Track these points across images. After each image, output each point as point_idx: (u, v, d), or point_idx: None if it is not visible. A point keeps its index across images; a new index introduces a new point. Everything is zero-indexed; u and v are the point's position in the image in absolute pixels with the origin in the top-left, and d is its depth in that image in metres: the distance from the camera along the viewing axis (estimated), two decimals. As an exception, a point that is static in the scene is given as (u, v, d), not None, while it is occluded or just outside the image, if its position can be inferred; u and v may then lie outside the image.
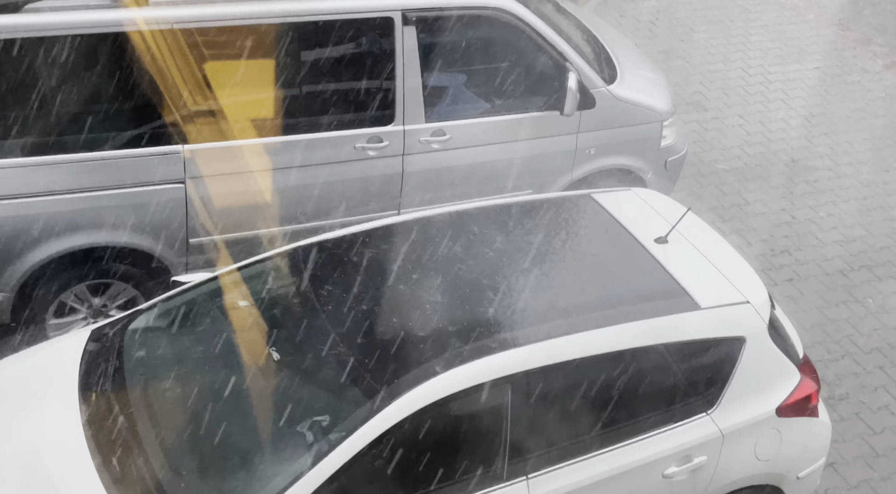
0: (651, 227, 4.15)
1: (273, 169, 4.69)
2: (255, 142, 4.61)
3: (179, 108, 4.42)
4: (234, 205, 4.65)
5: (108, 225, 4.45)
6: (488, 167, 5.13)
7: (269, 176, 4.69)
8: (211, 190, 4.60)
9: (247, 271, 3.96)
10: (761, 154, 6.69)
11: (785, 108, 7.13)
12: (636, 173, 5.49)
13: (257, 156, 4.63)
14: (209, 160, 4.54)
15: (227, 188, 4.62)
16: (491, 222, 4.09)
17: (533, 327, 3.57)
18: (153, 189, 4.49)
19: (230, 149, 4.56)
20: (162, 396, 3.56)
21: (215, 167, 4.56)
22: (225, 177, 4.59)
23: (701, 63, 7.50)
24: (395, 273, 3.75)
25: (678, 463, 3.76)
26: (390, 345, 3.45)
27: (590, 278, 3.84)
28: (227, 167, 4.58)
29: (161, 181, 4.50)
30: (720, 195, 6.32)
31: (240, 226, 4.71)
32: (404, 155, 4.95)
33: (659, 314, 3.70)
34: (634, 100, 5.34)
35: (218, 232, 4.68)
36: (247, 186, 4.66)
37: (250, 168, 4.63)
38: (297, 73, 4.60)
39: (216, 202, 4.61)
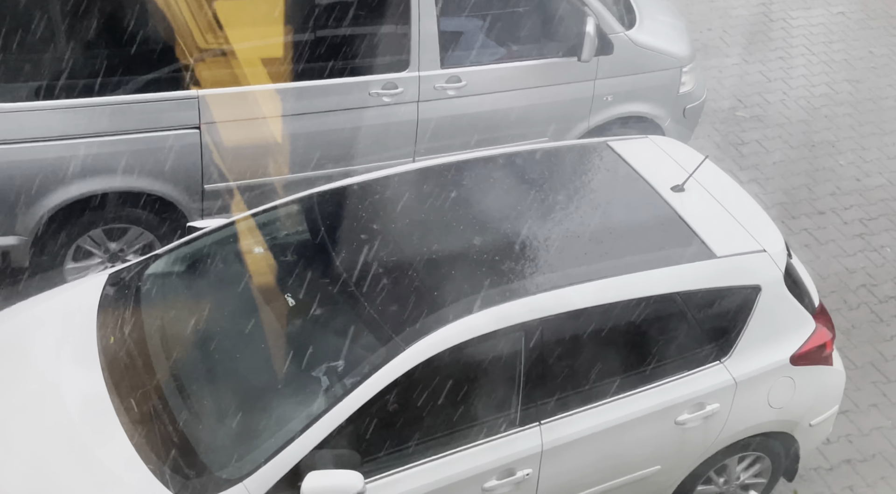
0: (668, 175, 4.11)
1: (287, 115, 4.65)
2: (269, 88, 4.57)
3: (194, 53, 4.37)
4: (249, 151, 4.63)
5: (124, 170, 4.45)
6: (504, 114, 5.07)
7: (283, 122, 4.65)
8: (225, 135, 4.57)
9: (262, 217, 3.96)
10: (781, 101, 6.57)
11: (807, 54, 6.98)
12: (654, 120, 5.42)
13: (272, 102, 4.59)
14: (224, 105, 4.51)
15: (242, 134, 4.59)
16: (506, 170, 4.06)
17: (547, 275, 3.56)
18: (168, 134, 4.48)
19: (245, 94, 4.52)
20: (179, 340, 3.59)
21: (230, 112, 4.53)
22: (239, 122, 4.56)
23: (723, 7, 7.33)
24: (409, 221, 3.74)
25: (691, 411, 3.77)
26: (404, 293, 3.45)
27: (605, 226, 3.82)
28: (242, 113, 4.55)
29: (176, 126, 4.48)
30: (738, 143, 6.24)
31: (254, 172, 4.70)
32: (419, 101, 4.90)
33: (674, 262, 3.69)
34: (653, 46, 5.24)
35: (233, 178, 4.67)
36: (261, 132, 4.63)
37: (265, 114, 4.60)
38: (311, 19, 4.53)
39: (231, 148, 4.60)
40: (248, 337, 3.53)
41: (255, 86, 4.54)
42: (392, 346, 3.31)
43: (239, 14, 4.40)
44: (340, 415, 3.25)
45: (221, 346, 3.52)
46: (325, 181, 4.63)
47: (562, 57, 5.06)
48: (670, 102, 5.41)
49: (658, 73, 5.29)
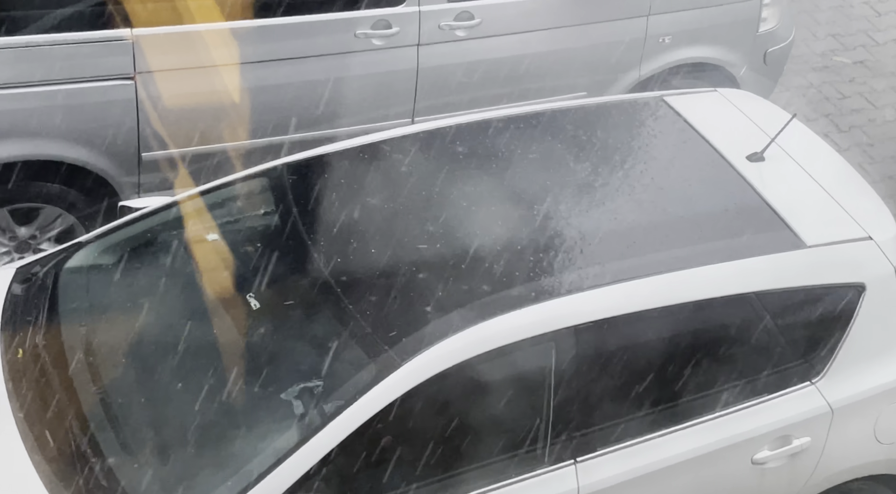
0: (743, 140, 4.12)
1: (249, 62, 4.68)
2: (225, 27, 4.59)
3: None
4: (200, 110, 4.65)
5: (35, 132, 4.47)
6: (529, 62, 5.09)
7: (243, 71, 4.68)
8: (169, 88, 4.59)
9: (217, 195, 3.98)
10: (895, 41, 6.57)
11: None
12: (725, 68, 5.42)
13: (229, 46, 4.62)
14: (167, 49, 4.53)
15: (191, 86, 4.61)
16: (532, 135, 4.08)
17: (584, 270, 3.58)
18: (93, 86, 4.49)
19: (193, 35, 4.54)
20: (108, 355, 3.62)
21: (175, 58, 4.54)
22: (187, 71, 4.58)
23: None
24: (407, 200, 3.76)
25: (773, 446, 3.79)
26: (401, 292, 3.47)
27: (660, 207, 3.83)
28: (191, 59, 4.57)
29: (104, 76, 4.50)
30: (837, 97, 6.24)
31: (207, 136, 4.72)
32: (420, 45, 4.92)
33: (750, 253, 3.70)
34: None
35: (178, 143, 4.69)
36: (215, 85, 4.66)
37: (219, 61, 4.62)
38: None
39: (176, 104, 4.62)
40: (199, 351, 3.55)
41: (206, 24, 4.56)
42: (384, 361, 3.33)
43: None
44: (318, 451, 3.27)
45: (164, 363, 3.55)
46: (297, 149, 4.65)
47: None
48: (747, 45, 5.41)
49: (731, 6, 5.30)
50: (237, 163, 4.80)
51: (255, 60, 4.68)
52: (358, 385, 3.32)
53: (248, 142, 4.83)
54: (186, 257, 3.83)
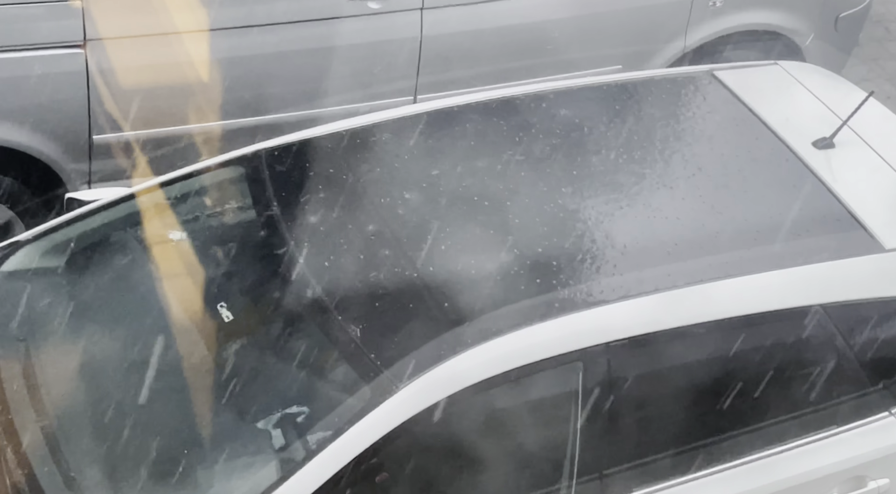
0: (809, 123, 4.13)
1: (221, 29, 4.70)
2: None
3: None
4: (163, 85, 4.67)
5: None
6: (554, 29, 5.10)
7: (215, 40, 4.70)
8: (127, 59, 4.61)
9: (181, 186, 3.99)
10: None
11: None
12: (787, 37, 5.43)
13: (197, 9, 4.63)
14: (124, 12, 4.55)
15: (152, 57, 4.64)
16: (556, 116, 4.09)
17: (618, 276, 3.58)
18: (35, 55, 4.50)
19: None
20: (51, 373, 3.62)
21: (134, 23, 4.56)
22: (148, 39, 4.60)
23: None
24: (407, 191, 3.77)
25: (844, 489, 3.79)
26: (399, 302, 3.47)
27: (708, 203, 3.83)
28: (152, 24, 4.59)
29: (49, 44, 4.51)
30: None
31: (171, 116, 4.73)
32: (423, 9, 4.94)
33: (816, 258, 3.70)
34: (788, -80, 5.27)
35: (137, 125, 4.71)
36: (181, 56, 4.68)
37: (186, 26, 4.64)
38: None
39: (135, 78, 4.63)
40: (160, 372, 3.56)
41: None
42: (380, 384, 3.33)
43: None
44: (301, 491, 3.28)
45: (117, 386, 3.55)
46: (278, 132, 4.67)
47: (644, -62, 5.09)
48: (814, 8, 5.41)
49: (796, -37, 5.32)
50: (206, 148, 4.82)
51: (228, 27, 4.70)
52: (348, 412, 3.32)
53: (220, 123, 4.84)
54: (145, 260, 3.84)
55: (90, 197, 4.05)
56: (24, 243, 4.01)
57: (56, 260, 3.94)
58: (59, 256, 3.95)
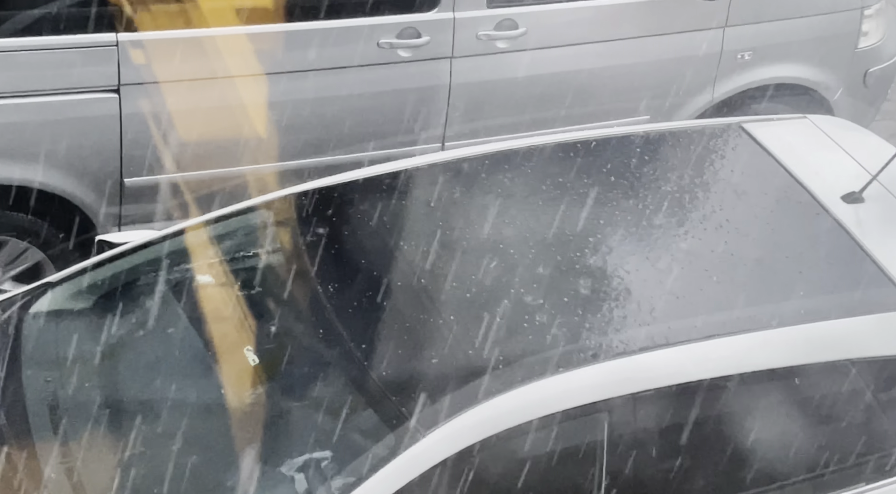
0: (838, 177, 4.11)
1: (253, 75, 4.72)
2: (227, 33, 4.64)
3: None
4: (195, 129, 4.69)
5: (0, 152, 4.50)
6: (582, 80, 5.11)
7: (247, 85, 4.72)
8: (161, 103, 4.63)
9: (211, 230, 4.00)
10: None
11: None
12: (816, 91, 5.42)
13: (230, 55, 4.66)
14: (158, 57, 4.57)
15: (185, 101, 4.66)
16: (585, 164, 4.09)
17: (645, 327, 3.57)
18: (70, 100, 4.53)
19: (190, 41, 4.59)
20: (78, 417, 3.61)
21: (167, 68, 4.59)
22: (181, 84, 4.63)
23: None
24: (435, 237, 3.77)
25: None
26: (425, 348, 3.47)
27: (737, 255, 3.82)
28: (186, 69, 4.62)
29: (83, 88, 4.54)
30: (951, 129, 6.22)
31: (201, 160, 4.75)
32: (453, 58, 4.96)
33: (846, 313, 3.68)
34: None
35: (168, 168, 4.73)
36: (213, 100, 4.70)
37: (219, 72, 4.66)
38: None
39: (168, 122, 4.66)
40: (186, 414, 3.55)
41: (202, 29, 4.60)
42: (405, 431, 3.32)
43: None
44: (324, 537, 3.27)
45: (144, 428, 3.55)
46: (308, 177, 4.69)
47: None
48: (843, 63, 5.41)
49: (824, 18, 5.30)
50: (236, 192, 4.83)
51: (260, 72, 4.72)
52: (373, 458, 3.30)
53: (250, 167, 4.85)
54: (173, 302, 3.84)
55: (120, 239, 4.05)
56: (54, 284, 4.01)
57: (85, 301, 3.95)
58: (89, 298, 3.96)
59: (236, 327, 3.73)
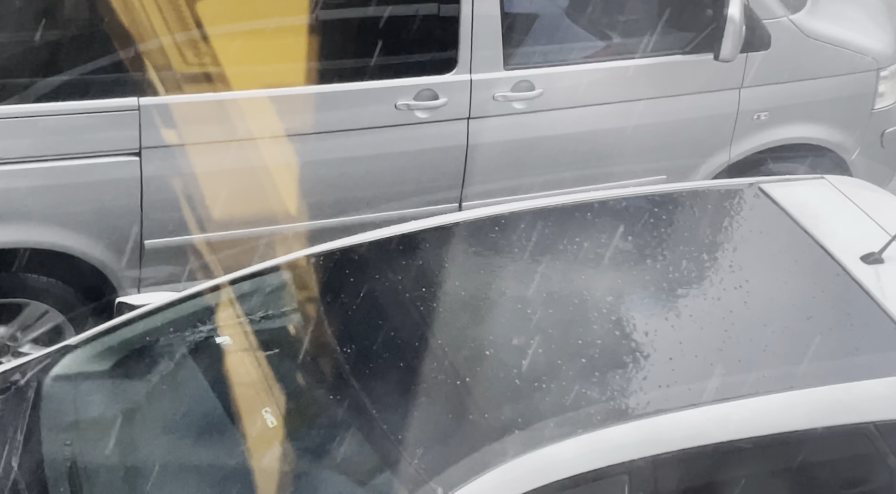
0: (856, 237, 4.10)
1: (273, 137, 4.75)
2: (248, 96, 4.67)
3: (135, 40, 4.48)
4: (215, 191, 4.71)
5: (21, 215, 4.52)
6: (599, 140, 5.12)
7: (266, 147, 4.74)
8: (181, 166, 4.66)
9: (229, 291, 4.00)
10: None
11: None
12: (834, 151, 5.42)
13: (250, 118, 4.69)
14: (179, 120, 4.60)
15: (205, 164, 4.68)
16: (602, 225, 4.08)
17: (664, 389, 3.54)
18: (91, 164, 4.56)
19: (211, 105, 4.62)
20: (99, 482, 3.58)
21: (188, 131, 4.62)
22: (202, 146, 4.65)
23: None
24: (453, 298, 3.76)
25: None
26: (444, 411, 3.45)
27: (755, 317, 3.80)
28: (206, 132, 4.65)
29: (104, 151, 4.57)
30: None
31: (222, 221, 4.77)
32: (471, 119, 4.98)
33: (869, 375, 3.64)
34: (833, 37, 5.28)
35: (189, 230, 4.75)
36: (234, 162, 4.72)
37: (239, 134, 4.69)
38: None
39: (188, 184, 4.68)
40: (205, 475, 3.54)
41: (226, 92, 4.64)
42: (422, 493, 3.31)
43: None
44: None
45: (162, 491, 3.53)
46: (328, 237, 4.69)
47: (689, 53, 5.11)
48: (860, 124, 5.41)
49: (840, 79, 5.32)
50: (257, 253, 4.83)
51: (279, 135, 4.75)
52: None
53: (269, 228, 4.87)
54: (192, 365, 3.84)
55: (140, 301, 4.05)
56: (74, 347, 4.01)
57: (105, 364, 3.94)
58: (108, 361, 3.95)
59: (255, 389, 3.71)
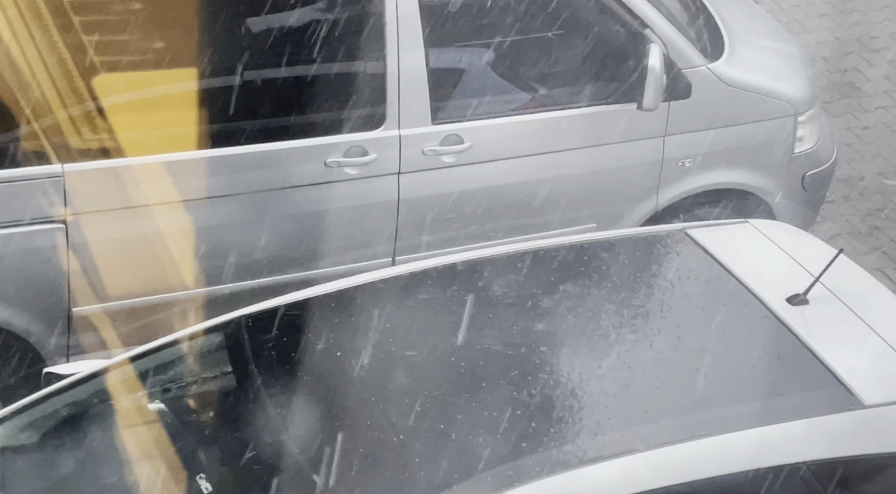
0: (781, 280, 4.12)
1: (201, 199, 4.71)
2: (174, 159, 4.63)
3: (56, 108, 4.45)
4: (143, 256, 4.66)
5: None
6: (529, 191, 5.14)
7: (197, 209, 4.71)
8: (107, 232, 4.61)
9: (161, 356, 3.95)
10: (955, 162, 6.66)
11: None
12: (757, 196, 5.47)
13: (178, 181, 4.66)
14: (104, 186, 4.56)
15: (133, 229, 4.64)
16: (534, 276, 4.08)
17: (600, 437, 3.53)
18: (15, 232, 4.50)
19: (137, 169, 4.58)
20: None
21: (114, 197, 4.58)
22: (128, 211, 4.61)
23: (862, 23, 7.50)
24: (386, 356, 3.74)
25: None
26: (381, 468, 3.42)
27: (684, 361, 3.81)
28: (133, 197, 4.60)
29: (28, 219, 4.51)
30: (891, 228, 6.28)
31: (151, 286, 4.72)
32: (401, 173, 4.98)
33: (797, 415, 3.65)
34: (752, 84, 5.35)
35: (117, 296, 4.69)
36: (162, 226, 4.68)
37: (167, 198, 4.65)
38: (236, 53, 4.64)
39: (115, 251, 4.63)
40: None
41: (151, 156, 4.60)
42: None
43: (127, 46, 4.50)
44: None
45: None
46: (260, 297, 4.65)
47: (613, 103, 5.14)
48: (781, 168, 5.46)
49: (760, 125, 5.37)
50: (189, 316, 4.79)
51: (210, 196, 4.72)
52: None
53: (200, 291, 4.82)
54: (123, 433, 3.77)
55: (68, 370, 3.99)
56: (1, 419, 3.93)
57: (32, 436, 3.87)
58: (36, 433, 3.88)
59: (188, 455, 3.66)
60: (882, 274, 5.90)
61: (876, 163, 6.63)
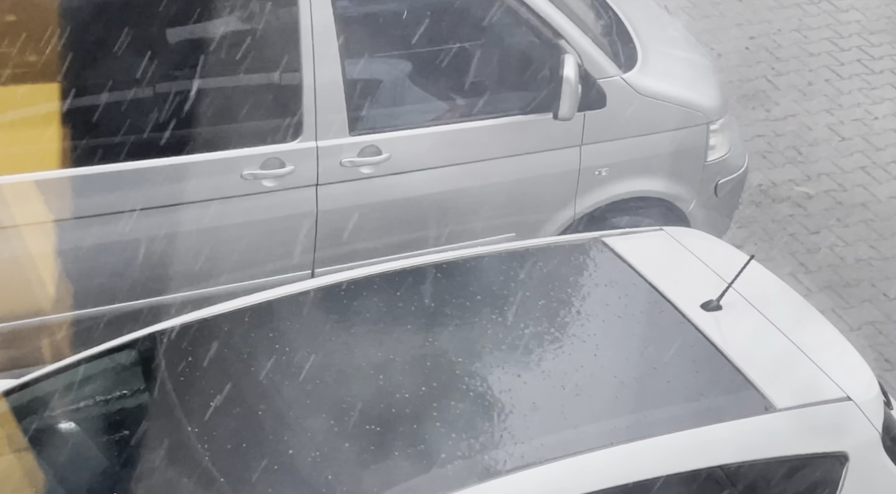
0: (695, 286, 4.15)
1: (116, 212, 4.64)
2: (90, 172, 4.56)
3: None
4: (53, 270, 4.59)
5: None
6: (447, 201, 5.13)
7: (111, 223, 4.64)
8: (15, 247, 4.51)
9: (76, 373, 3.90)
10: (864, 168, 6.75)
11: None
12: (671, 203, 5.52)
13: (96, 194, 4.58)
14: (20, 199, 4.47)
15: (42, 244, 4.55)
16: (453, 285, 4.08)
17: (520, 445, 3.53)
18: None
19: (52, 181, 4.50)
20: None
21: (25, 210, 4.49)
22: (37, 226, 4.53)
23: (770, 33, 7.60)
24: (307, 369, 3.71)
25: None
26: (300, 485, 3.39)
27: (601, 368, 3.82)
28: (47, 211, 4.52)
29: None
30: (803, 233, 6.36)
31: (63, 302, 4.65)
32: (319, 185, 4.95)
33: (711, 420, 3.69)
34: (665, 94, 5.39)
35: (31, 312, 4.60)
36: (76, 240, 4.60)
37: (84, 211, 4.57)
38: (150, 65, 4.59)
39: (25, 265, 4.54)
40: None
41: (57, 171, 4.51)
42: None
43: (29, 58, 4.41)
44: None
45: None
46: (179, 311, 4.61)
47: (530, 113, 5.16)
48: (694, 176, 5.51)
49: (673, 134, 5.41)
50: (100, 333, 4.70)
51: (125, 209, 4.65)
52: None
53: (118, 305, 4.75)
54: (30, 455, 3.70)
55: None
56: None
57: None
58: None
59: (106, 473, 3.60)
60: (794, 279, 5.97)
61: (787, 170, 6.72)
